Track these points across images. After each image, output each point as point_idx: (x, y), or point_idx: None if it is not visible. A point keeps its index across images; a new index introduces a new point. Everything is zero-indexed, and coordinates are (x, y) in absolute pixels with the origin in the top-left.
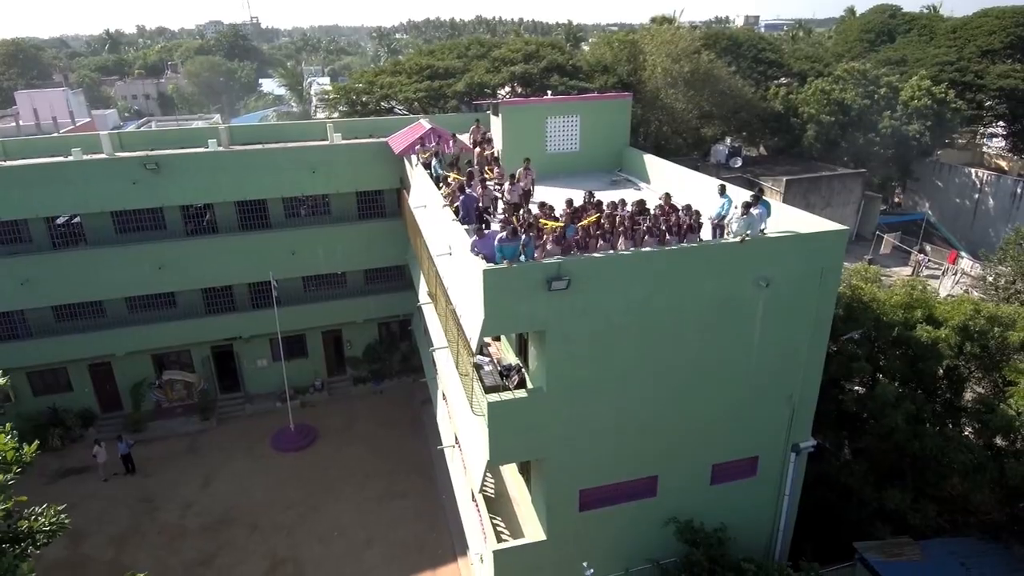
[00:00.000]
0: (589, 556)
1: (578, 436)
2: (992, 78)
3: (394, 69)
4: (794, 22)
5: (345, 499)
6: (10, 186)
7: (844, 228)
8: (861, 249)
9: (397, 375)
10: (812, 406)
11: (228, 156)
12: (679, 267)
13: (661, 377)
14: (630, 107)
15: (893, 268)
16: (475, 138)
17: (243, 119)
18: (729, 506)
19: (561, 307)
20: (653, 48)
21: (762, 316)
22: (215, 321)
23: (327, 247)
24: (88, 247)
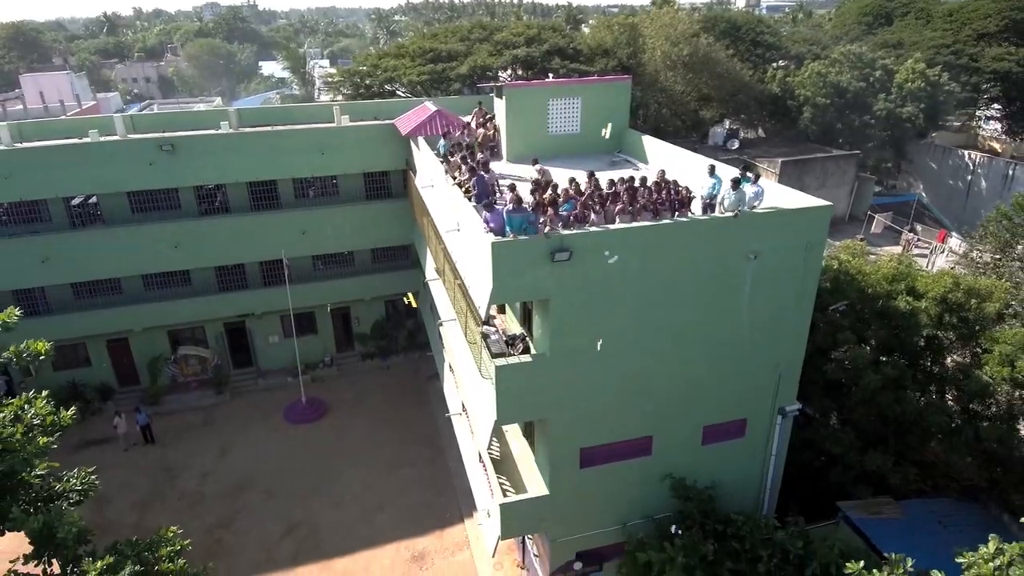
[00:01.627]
0: (588, 511)
1: (579, 398)
2: (986, 61)
3: (398, 52)
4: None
5: (356, 467)
6: (31, 167)
7: (828, 204)
8: (854, 229)
9: (403, 351)
10: (797, 372)
11: (241, 138)
12: (672, 240)
13: (656, 343)
14: (629, 90)
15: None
16: (478, 120)
17: (245, 101)
18: (720, 465)
19: (563, 277)
20: (653, 31)
21: (750, 287)
22: (228, 298)
23: (335, 227)
24: (105, 226)
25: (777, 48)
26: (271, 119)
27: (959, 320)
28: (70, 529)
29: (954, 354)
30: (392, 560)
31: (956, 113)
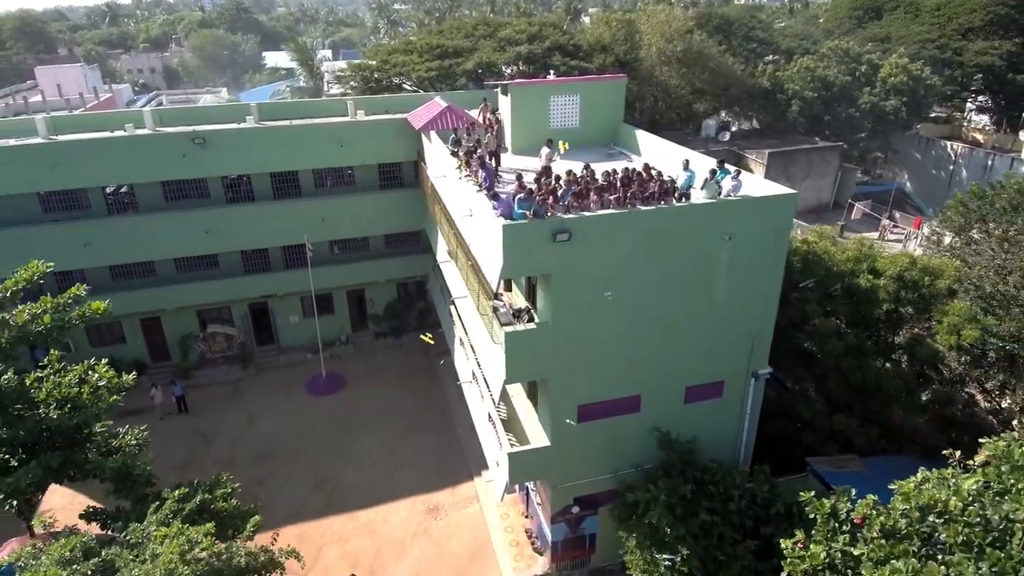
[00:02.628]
0: (585, 461)
1: (576, 361)
2: (970, 55)
3: (406, 48)
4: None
5: (374, 434)
6: (74, 158)
7: (793, 192)
8: (836, 216)
9: (414, 330)
10: (768, 340)
11: (266, 131)
12: (657, 223)
13: (643, 313)
14: (624, 88)
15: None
16: (484, 115)
17: (253, 92)
18: (700, 421)
19: (564, 255)
20: (649, 28)
21: (727, 264)
22: (253, 280)
23: (352, 214)
24: (140, 213)
25: (768, 43)
26: (289, 113)
27: (915, 295)
28: (144, 468)
29: (911, 326)
30: (409, 512)
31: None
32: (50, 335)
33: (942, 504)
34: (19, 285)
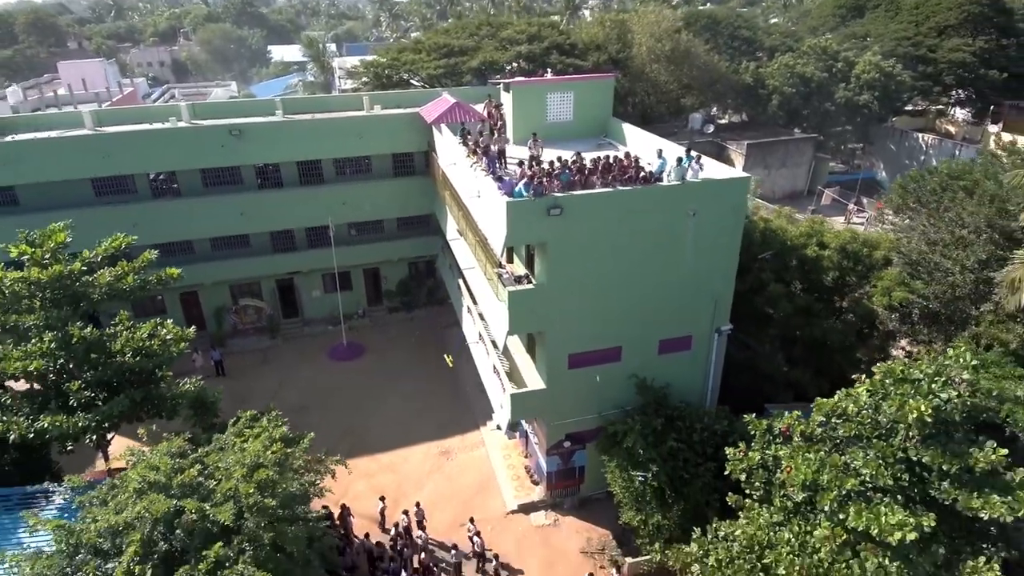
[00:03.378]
0: (574, 402)
1: (567, 316)
2: (943, 52)
3: (415, 47)
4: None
5: (392, 393)
6: (125, 148)
7: (747, 176)
8: (810, 201)
9: (424, 306)
10: (729, 301)
11: (294, 125)
12: (635, 201)
13: (623, 276)
14: (613, 85)
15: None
16: (489, 110)
17: (264, 86)
18: (672, 371)
19: (557, 227)
20: (639, 28)
21: (692, 236)
22: (280, 258)
23: (369, 199)
24: (181, 198)
25: (752, 41)
26: (311, 107)
27: (855, 264)
28: (215, 395)
29: (853, 291)
30: (424, 455)
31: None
32: (133, 294)
33: (843, 410)
34: (107, 252)
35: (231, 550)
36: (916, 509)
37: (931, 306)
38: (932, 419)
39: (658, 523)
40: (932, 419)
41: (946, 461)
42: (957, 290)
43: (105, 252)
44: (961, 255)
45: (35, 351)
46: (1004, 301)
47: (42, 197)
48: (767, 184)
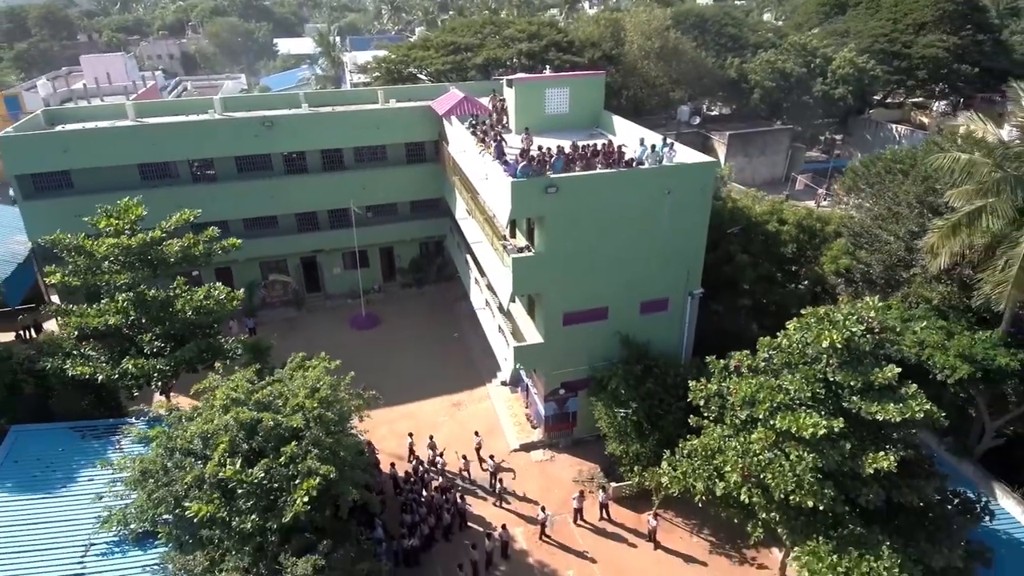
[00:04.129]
0: (568, 355)
1: (562, 280)
2: (918, 48)
3: (424, 44)
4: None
5: (407, 356)
6: (170, 137)
7: (713, 160)
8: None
9: (434, 282)
10: (699, 268)
11: (319, 117)
12: (619, 182)
13: (609, 246)
14: (603, 82)
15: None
16: (494, 103)
17: (274, 79)
18: (651, 329)
19: (553, 203)
20: (632, 27)
21: (667, 211)
22: (305, 237)
23: (384, 184)
24: (217, 182)
25: (738, 39)
26: (331, 100)
27: (810, 237)
28: (269, 342)
29: (808, 260)
30: (438, 406)
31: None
32: (201, 260)
33: (778, 345)
34: (177, 224)
35: (300, 449)
36: (830, 416)
37: (871, 271)
38: (844, 347)
39: (637, 451)
40: (844, 347)
41: (854, 379)
42: (892, 257)
43: (176, 224)
44: (896, 227)
45: (109, 309)
46: (928, 264)
47: (93, 181)
48: (747, 171)
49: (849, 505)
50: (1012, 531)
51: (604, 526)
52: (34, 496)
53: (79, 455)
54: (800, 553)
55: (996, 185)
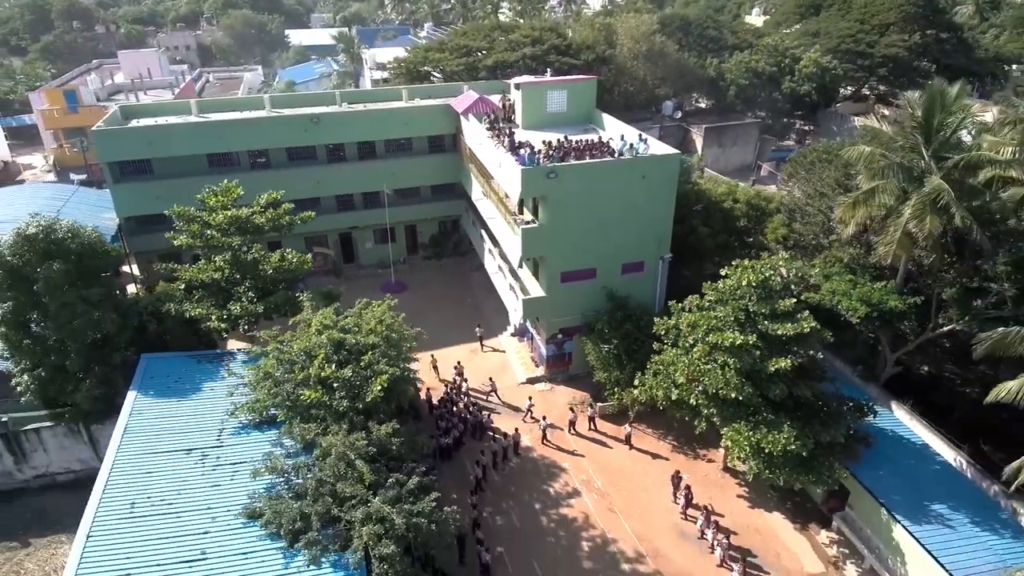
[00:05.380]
0: (565, 306)
1: (560, 246)
2: (880, 47)
3: (440, 47)
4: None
5: (431, 315)
6: (232, 132)
7: (677, 153)
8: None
9: (451, 255)
10: (668, 237)
11: (356, 114)
12: (605, 169)
13: (596, 219)
14: (596, 85)
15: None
16: (504, 102)
17: (292, 71)
18: (631, 286)
19: (553, 186)
20: (623, 31)
21: (643, 193)
22: (342, 216)
23: (410, 171)
24: (272, 169)
25: (718, 40)
26: (362, 97)
27: (759, 213)
28: (338, 291)
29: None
30: (459, 351)
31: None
32: (284, 230)
33: (717, 287)
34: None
35: (373, 358)
36: (747, 333)
37: (803, 238)
38: (759, 285)
39: (617, 377)
40: (759, 285)
41: (764, 307)
42: (817, 227)
43: (267, 201)
44: (820, 204)
45: (210, 267)
46: (841, 232)
47: (169, 168)
48: (721, 160)
49: (762, 398)
50: (898, 430)
51: (591, 435)
52: (171, 400)
53: (199, 373)
54: (727, 432)
55: (884, 171)
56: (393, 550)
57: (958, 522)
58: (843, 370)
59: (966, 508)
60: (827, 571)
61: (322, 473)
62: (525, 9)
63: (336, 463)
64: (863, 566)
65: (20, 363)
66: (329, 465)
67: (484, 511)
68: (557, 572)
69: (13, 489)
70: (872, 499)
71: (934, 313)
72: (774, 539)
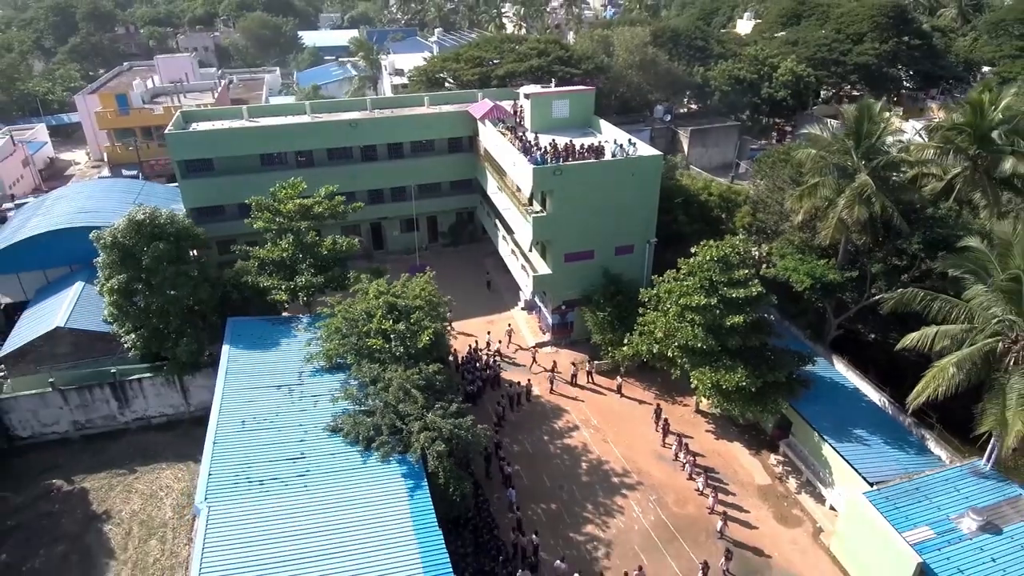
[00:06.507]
0: (568, 283)
1: (564, 230)
2: (852, 56)
3: (456, 57)
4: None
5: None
6: (282, 135)
7: (659, 153)
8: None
9: (467, 243)
10: (654, 224)
11: (388, 119)
12: (599, 168)
13: (594, 209)
14: (594, 94)
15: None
16: (515, 109)
17: (310, 73)
18: (623, 265)
19: (559, 182)
20: (618, 43)
21: (633, 187)
22: (373, 208)
23: (432, 168)
24: (314, 167)
25: (705, 49)
26: (386, 104)
27: (729, 204)
28: (385, 268)
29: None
30: (477, 322)
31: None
32: (339, 217)
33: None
34: (324, 195)
35: (420, 316)
36: (710, 296)
37: (765, 225)
38: (720, 259)
39: (610, 339)
40: (720, 259)
41: (724, 277)
42: (776, 216)
43: (326, 194)
44: (778, 196)
45: (277, 249)
46: (793, 220)
47: (228, 165)
48: (705, 158)
49: (722, 348)
50: (835, 379)
51: (590, 386)
52: (256, 351)
53: (274, 332)
54: (695, 375)
55: (823, 169)
56: (443, 448)
57: (874, 443)
58: (797, 334)
59: (882, 433)
60: (774, 484)
61: (387, 397)
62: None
63: (397, 391)
64: (801, 479)
65: (124, 325)
66: (392, 392)
67: (504, 440)
68: (562, 483)
69: (116, 430)
70: (808, 426)
71: (868, 285)
72: (733, 460)
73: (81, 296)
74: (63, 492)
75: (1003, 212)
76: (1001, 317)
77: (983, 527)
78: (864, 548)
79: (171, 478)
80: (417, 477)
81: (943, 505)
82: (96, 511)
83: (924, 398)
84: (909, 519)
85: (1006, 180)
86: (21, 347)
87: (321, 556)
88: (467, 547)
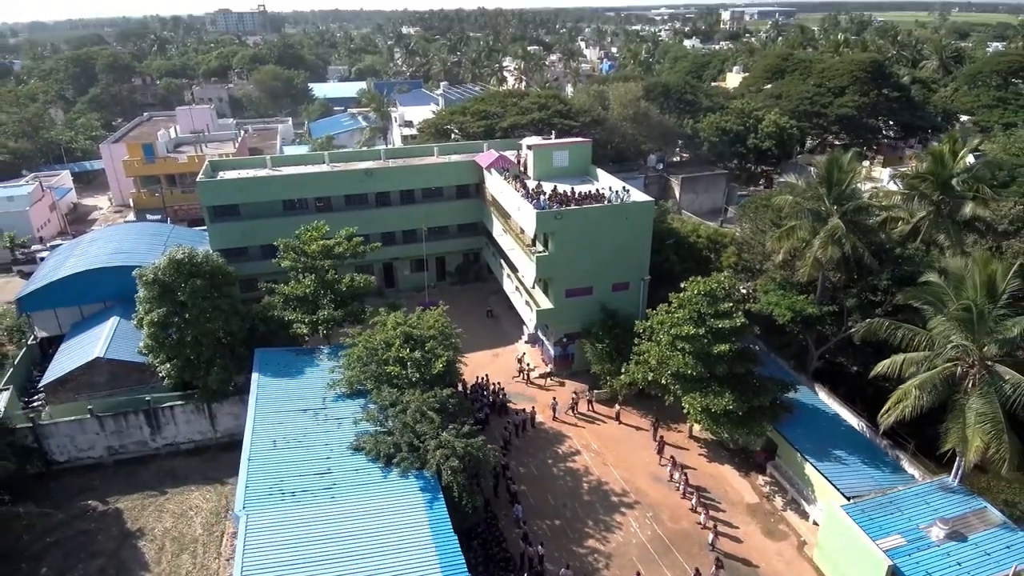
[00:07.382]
0: (569, 316)
1: (565, 269)
2: (833, 108)
3: (462, 111)
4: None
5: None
6: (302, 183)
7: (651, 200)
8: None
9: (473, 281)
10: (647, 263)
11: (400, 168)
12: (596, 213)
13: (592, 249)
14: (591, 145)
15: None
16: (518, 159)
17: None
18: (619, 301)
19: (560, 224)
20: (613, 97)
21: (627, 230)
22: (385, 249)
23: (441, 213)
24: (332, 212)
25: (694, 103)
26: (399, 153)
27: (716, 245)
28: (400, 303)
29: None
30: (483, 355)
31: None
32: (358, 257)
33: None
34: (345, 236)
35: (435, 344)
36: (698, 327)
37: (749, 264)
38: (707, 293)
39: (608, 369)
40: (707, 293)
41: (711, 309)
42: (759, 256)
43: (346, 236)
44: (761, 238)
45: (301, 286)
46: (774, 259)
47: (252, 211)
48: (696, 204)
49: (711, 375)
50: (817, 405)
51: (590, 414)
52: (283, 379)
53: (298, 362)
54: (686, 399)
55: (799, 214)
56: (457, 464)
57: (852, 462)
58: (782, 364)
59: (860, 454)
60: (761, 502)
61: (405, 418)
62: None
63: (414, 413)
64: (787, 498)
65: (159, 356)
66: (409, 414)
67: (510, 463)
68: (566, 502)
69: (147, 455)
70: (792, 448)
71: (845, 319)
72: (724, 481)
73: (117, 329)
74: (99, 512)
75: (966, 252)
76: (956, 343)
77: (950, 535)
78: (842, 556)
79: (200, 499)
80: (433, 490)
81: (914, 516)
82: (130, 529)
83: (893, 418)
84: (882, 528)
85: (967, 222)
86: (62, 376)
87: (348, 558)
88: (477, 559)
